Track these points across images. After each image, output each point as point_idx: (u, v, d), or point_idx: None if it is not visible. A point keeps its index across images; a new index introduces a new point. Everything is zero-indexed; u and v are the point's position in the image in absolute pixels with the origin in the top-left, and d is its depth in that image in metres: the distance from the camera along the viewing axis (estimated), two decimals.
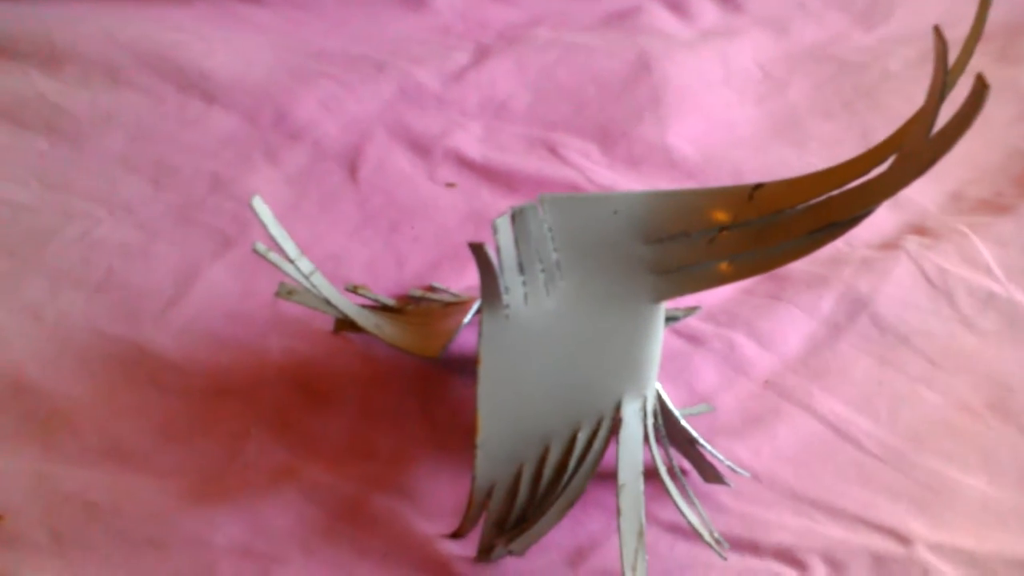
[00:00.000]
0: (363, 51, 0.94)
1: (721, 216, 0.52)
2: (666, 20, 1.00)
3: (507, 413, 0.55)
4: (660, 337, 0.57)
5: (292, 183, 0.83)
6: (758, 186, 0.52)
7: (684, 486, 0.59)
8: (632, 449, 0.55)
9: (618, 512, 0.54)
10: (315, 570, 0.58)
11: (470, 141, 0.87)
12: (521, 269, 0.52)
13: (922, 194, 0.85)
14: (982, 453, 0.67)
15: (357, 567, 0.58)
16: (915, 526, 0.62)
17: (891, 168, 0.49)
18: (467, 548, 0.60)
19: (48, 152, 0.83)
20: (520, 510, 0.57)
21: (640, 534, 0.54)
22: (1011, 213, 0.82)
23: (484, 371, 0.53)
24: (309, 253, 0.76)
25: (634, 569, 0.53)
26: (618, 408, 0.55)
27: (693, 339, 0.72)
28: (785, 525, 0.62)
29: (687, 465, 0.64)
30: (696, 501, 0.59)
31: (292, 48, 0.93)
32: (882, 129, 0.93)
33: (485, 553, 0.58)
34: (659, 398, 0.59)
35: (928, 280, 0.77)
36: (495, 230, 0.50)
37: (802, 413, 0.68)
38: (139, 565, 0.58)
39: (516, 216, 0.50)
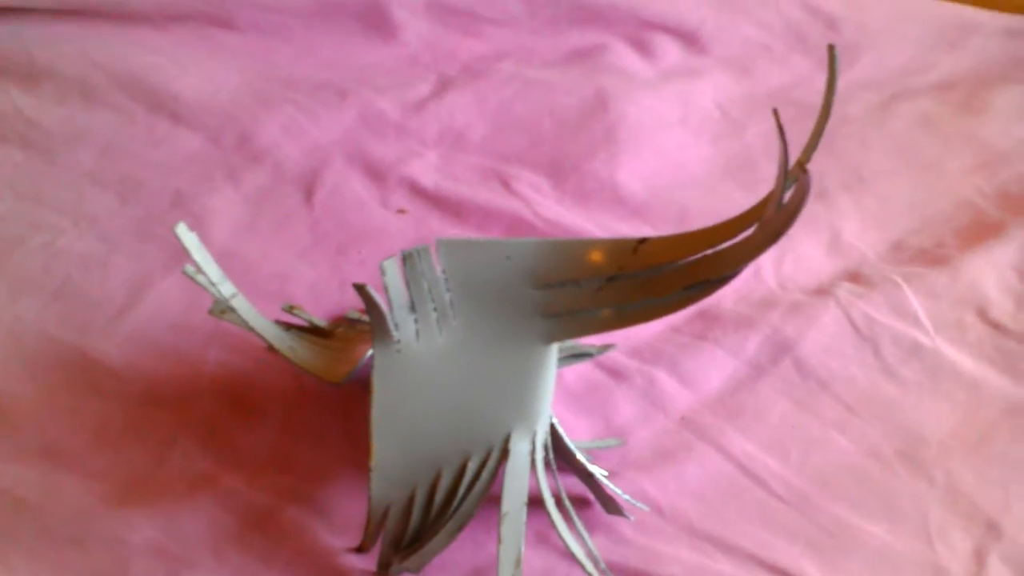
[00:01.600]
0: (328, 78, 0.97)
1: (608, 267, 0.54)
2: (629, 59, 1.02)
3: (399, 439, 0.57)
4: (551, 375, 0.59)
5: (249, 203, 0.86)
6: (643, 240, 0.54)
7: (572, 517, 0.61)
8: (517, 480, 0.57)
9: (499, 539, 0.56)
10: (222, 575, 0.61)
11: (425, 170, 0.90)
12: (413, 308, 0.54)
13: (863, 241, 0.87)
14: (885, 501, 0.68)
15: (262, 575, 0.61)
16: (809, 568, 0.64)
17: (752, 235, 0.52)
18: (370, 562, 0.62)
19: (22, 164, 0.87)
20: (414, 530, 0.60)
21: (517, 562, 0.56)
22: (947, 265, 0.83)
23: (376, 400, 0.56)
24: (257, 271, 0.79)
25: None
26: (507, 440, 0.58)
27: (615, 373, 0.75)
28: (680, 559, 0.64)
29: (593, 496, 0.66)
30: (584, 532, 0.61)
31: (260, 73, 0.96)
32: (834, 174, 0.95)
33: (384, 569, 0.61)
34: (553, 431, 0.61)
35: (855, 328, 0.78)
36: (383, 272, 0.52)
37: (713, 451, 0.70)
38: (60, 560, 0.61)
39: (406, 258, 0.53)
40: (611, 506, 0.65)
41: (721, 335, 0.77)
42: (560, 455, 0.62)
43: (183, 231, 0.59)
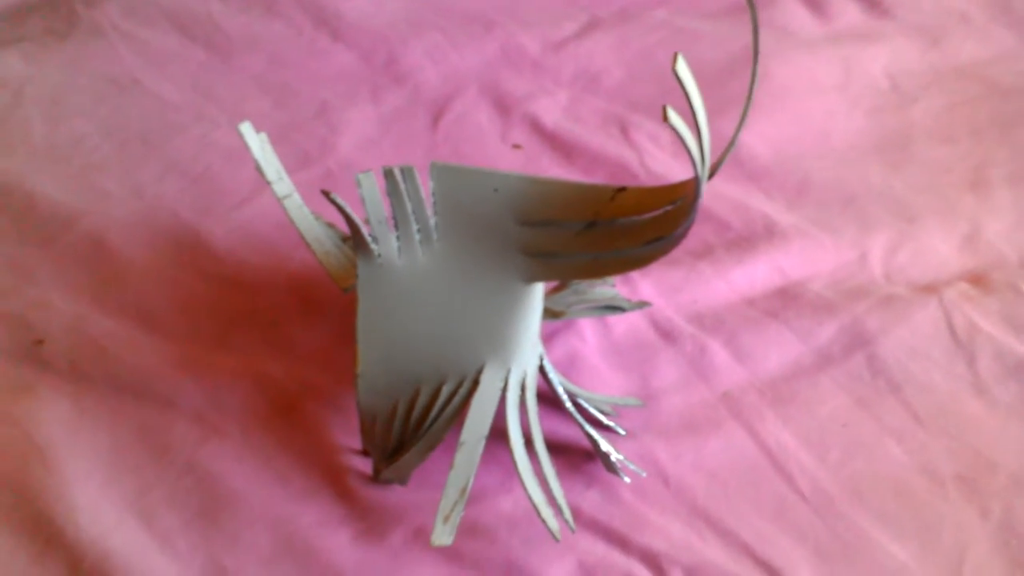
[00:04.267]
0: (482, 9, 0.98)
1: (586, 212, 0.52)
2: (798, 15, 0.95)
3: (382, 351, 0.59)
4: (532, 316, 0.58)
5: (382, 120, 0.90)
6: (621, 189, 0.52)
7: (541, 461, 0.60)
8: (481, 413, 0.57)
9: (451, 465, 0.57)
10: (243, 450, 0.66)
11: (551, 108, 0.89)
12: (396, 224, 0.56)
13: (1009, 242, 0.77)
14: (922, 523, 0.61)
15: (277, 456, 0.66)
16: (803, 573, 0.59)
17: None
18: (370, 465, 0.65)
19: (204, 62, 0.96)
20: (395, 442, 0.62)
21: (464, 491, 0.56)
22: None
23: (360, 310, 0.58)
24: None
25: (446, 520, 0.56)
26: (479, 372, 0.58)
27: (667, 335, 0.72)
28: (667, 532, 0.61)
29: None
30: (553, 479, 0.60)
31: (419, 1, 0.99)
32: (1004, 163, 0.84)
33: (376, 474, 0.64)
34: (540, 373, 0.60)
35: (952, 332, 0.70)
36: (358, 184, 0.54)
37: (743, 433, 0.66)
38: (118, 409, 0.68)
39: (387, 175, 0.54)
40: (609, 464, 0.63)
41: (795, 316, 0.72)
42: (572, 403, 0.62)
43: (246, 129, 0.64)
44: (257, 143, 0.64)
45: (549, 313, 0.69)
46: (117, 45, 0.97)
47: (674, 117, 0.43)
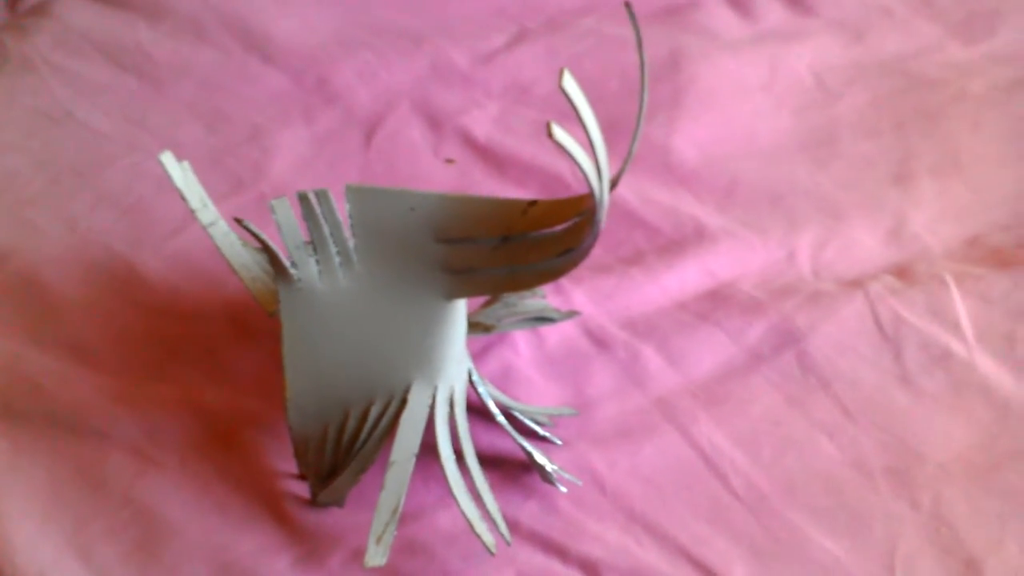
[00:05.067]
0: (411, 25, 0.98)
1: (499, 227, 0.53)
2: (723, 17, 0.96)
3: (310, 375, 0.59)
4: (456, 332, 0.59)
5: (315, 141, 0.90)
6: (532, 203, 0.52)
7: (473, 476, 0.60)
8: (410, 432, 0.58)
9: (382, 486, 0.57)
10: (180, 480, 0.66)
11: (482, 121, 0.90)
12: (314, 248, 0.56)
13: (933, 234, 0.78)
14: (854, 518, 0.63)
15: (214, 484, 0.66)
16: (738, 572, 0.60)
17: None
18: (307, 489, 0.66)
19: (136, 91, 0.95)
20: (328, 466, 0.62)
21: (395, 511, 0.57)
22: (1016, 270, 0.73)
23: (285, 335, 0.58)
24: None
25: (379, 541, 0.56)
26: (407, 391, 0.58)
27: (601, 343, 0.72)
28: (604, 539, 0.62)
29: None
30: (486, 493, 0.60)
31: (352, 19, 0.99)
32: (927, 156, 0.85)
33: (314, 498, 0.64)
34: (468, 388, 0.61)
35: (879, 326, 0.71)
36: (272, 210, 0.54)
37: (677, 437, 0.67)
38: (55, 444, 0.68)
39: (302, 199, 0.54)
40: (545, 475, 0.64)
41: (725, 317, 0.72)
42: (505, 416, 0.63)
43: (167, 159, 0.64)
44: (179, 172, 0.64)
45: (480, 327, 0.70)
46: (48, 78, 0.97)
47: (559, 133, 0.43)
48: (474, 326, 0.70)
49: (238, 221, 0.55)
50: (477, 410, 0.66)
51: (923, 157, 0.84)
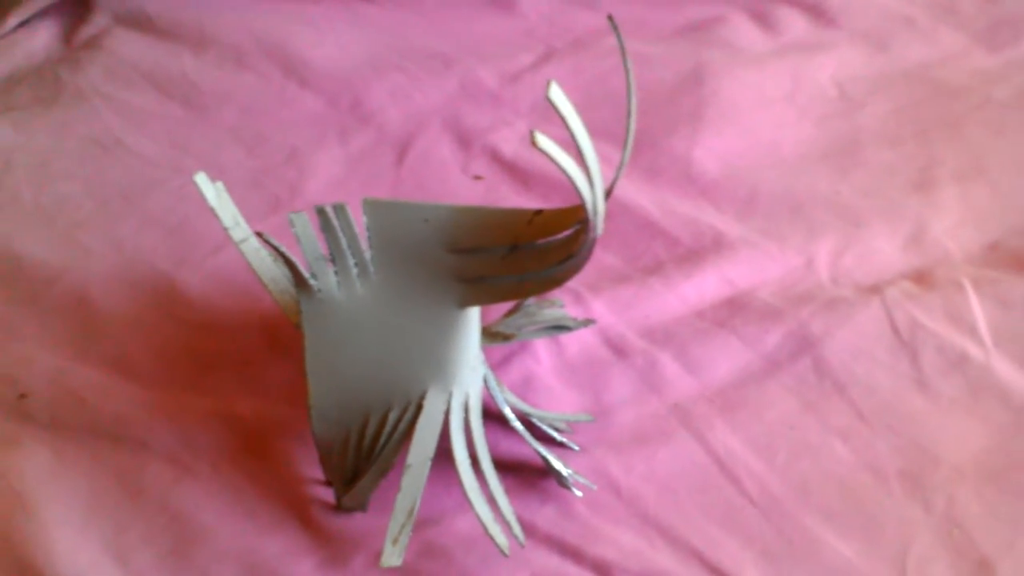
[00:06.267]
0: (441, 48, 1.01)
1: (507, 236, 0.55)
2: (746, 32, 0.97)
3: (331, 382, 0.62)
4: (470, 340, 0.61)
5: (349, 161, 0.93)
6: (538, 212, 0.54)
7: (488, 481, 0.62)
8: (426, 436, 0.60)
9: (399, 489, 0.59)
10: (213, 487, 0.69)
11: (510, 139, 0.92)
12: (333, 259, 0.59)
13: (953, 239, 0.78)
14: (867, 520, 0.63)
15: (245, 491, 0.69)
16: (750, 575, 0.61)
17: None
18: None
19: (181, 119, 1.00)
20: (351, 470, 0.64)
21: (411, 512, 0.59)
22: None
23: (307, 343, 0.61)
24: None
25: (395, 542, 0.58)
26: (423, 397, 0.61)
27: (619, 351, 0.74)
28: (618, 542, 0.63)
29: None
30: (501, 498, 0.61)
31: (385, 43, 1.03)
32: (950, 162, 0.85)
33: (338, 503, 0.67)
34: (483, 395, 0.63)
35: (895, 331, 0.71)
36: (291, 223, 0.57)
37: (693, 442, 0.68)
38: (97, 454, 0.71)
39: (320, 213, 0.57)
40: (561, 479, 0.65)
41: (742, 324, 0.73)
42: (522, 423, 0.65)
43: (201, 179, 0.67)
44: (212, 192, 0.67)
45: (501, 336, 0.72)
46: (100, 108, 1.02)
47: (543, 141, 0.45)
48: (495, 335, 0.72)
49: (259, 235, 0.58)
50: (497, 416, 0.68)
51: (945, 164, 0.84)
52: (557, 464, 0.65)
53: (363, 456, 0.64)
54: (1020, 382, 0.68)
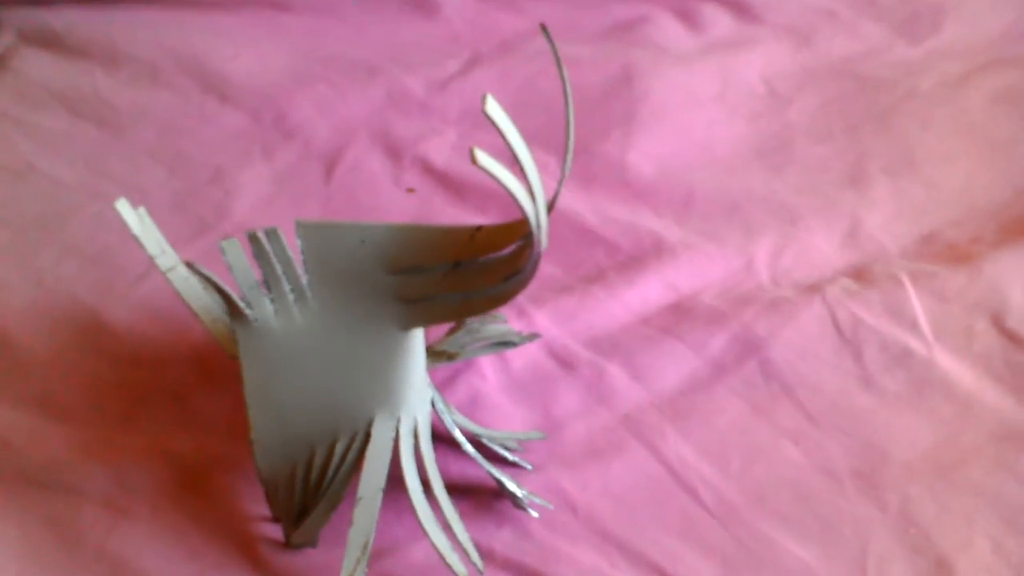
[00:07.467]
0: (364, 56, 0.99)
1: (448, 254, 0.54)
2: (671, 31, 0.97)
3: (273, 415, 0.60)
4: (415, 362, 0.59)
5: (276, 179, 0.90)
6: (478, 228, 0.53)
7: (442, 507, 0.60)
8: (376, 466, 0.58)
9: (351, 522, 0.57)
10: (153, 529, 0.66)
11: (441, 148, 0.90)
12: (268, 287, 0.56)
13: (888, 234, 0.79)
14: (824, 523, 0.63)
15: (188, 531, 0.66)
16: None
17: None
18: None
19: (96, 140, 0.96)
20: (298, 506, 0.62)
21: (365, 547, 0.57)
22: (970, 264, 0.74)
23: (245, 375, 0.59)
24: None
25: None
26: (370, 424, 0.59)
27: (566, 363, 0.73)
28: (577, 561, 0.62)
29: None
30: (456, 523, 0.60)
31: (305, 53, 1.00)
32: (879, 156, 0.86)
33: (287, 539, 0.64)
34: (431, 418, 0.61)
35: (837, 329, 0.72)
36: (222, 251, 0.54)
37: (646, 453, 0.67)
38: (27, 501, 0.67)
39: (251, 239, 0.55)
40: (516, 500, 0.64)
41: (688, 330, 0.73)
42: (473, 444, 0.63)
43: (123, 206, 0.64)
44: (135, 219, 0.64)
45: (445, 355, 0.70)
46: (9, 132, 0.97)
47: (482, 158, 0.44)
48: (438, 355, 0.70)
49: (189, 265, 0.56)
50: (447, 439, 0.66)
51: (876, 158, 0.85)
52: (511, 485, 0.64)
53: (311, 490, 0.61)
54: (963, 375, 0.69)
